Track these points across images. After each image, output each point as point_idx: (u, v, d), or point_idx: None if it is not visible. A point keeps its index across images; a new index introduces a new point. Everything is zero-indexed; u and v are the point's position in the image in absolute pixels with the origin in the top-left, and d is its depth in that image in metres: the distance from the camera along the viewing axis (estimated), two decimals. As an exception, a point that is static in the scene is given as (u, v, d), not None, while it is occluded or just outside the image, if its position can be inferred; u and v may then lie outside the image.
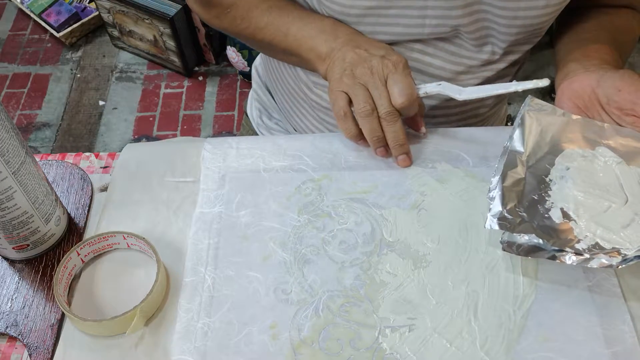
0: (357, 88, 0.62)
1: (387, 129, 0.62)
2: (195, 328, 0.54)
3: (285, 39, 0.69)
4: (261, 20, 0.71)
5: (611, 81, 0.59)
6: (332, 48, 0.66)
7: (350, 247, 0.59)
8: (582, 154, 0.58)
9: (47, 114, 1.99)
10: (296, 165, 0.66)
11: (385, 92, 0.61)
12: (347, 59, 0.63)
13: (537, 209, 0.55)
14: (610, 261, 0.51)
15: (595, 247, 0.52)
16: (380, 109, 0.61)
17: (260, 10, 0.71)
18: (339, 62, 0.64)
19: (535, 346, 0.52)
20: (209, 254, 0.59)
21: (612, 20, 0.72)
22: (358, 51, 0.63)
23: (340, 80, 0.63)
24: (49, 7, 2.19)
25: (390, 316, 0.54)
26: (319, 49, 0.67)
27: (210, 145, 0.68)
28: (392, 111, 0.61)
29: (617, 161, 0.58)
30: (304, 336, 0.53)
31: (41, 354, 0.53)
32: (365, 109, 0.61)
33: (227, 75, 2.09)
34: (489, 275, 0.57)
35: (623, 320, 0.53)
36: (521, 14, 0.64)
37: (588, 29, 0.71)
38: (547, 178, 0.57)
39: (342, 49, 0.65)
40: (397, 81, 0.61)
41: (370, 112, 0.61)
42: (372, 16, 0.66)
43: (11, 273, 0.59)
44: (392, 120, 0.62)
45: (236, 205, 0.63)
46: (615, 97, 0.58)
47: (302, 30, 0.68)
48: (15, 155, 0.53)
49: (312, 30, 0.68)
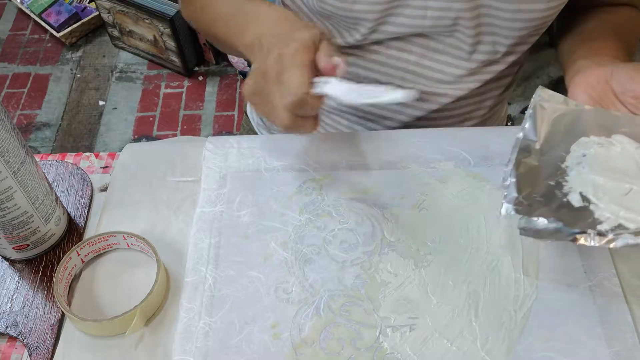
0: (260, 104, 0.56)
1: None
2: (196, 328, 0.54)
3: (227, 29, 0.65)
4: (216, 9, 0.68)
5: (624, 71, 0.58)
6: (256, 37, 0.58)
7: (351, 246, 0.59)
8: (597, 141, 0.57)
9: (47, 114, 1.99)
10: (297, 165, 0.66)
11: (277, 96, 0.53)
12: (257, 58, 0.57)
13: (555, 194, 0.53)
14: (636, 240, 0.49)
15: (618, 227, 0.50)
16: (278, 109, 0.54)
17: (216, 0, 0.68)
18: (255, 59, 0.57)
19: (536, 346, 0.52)
20: (210, 254, 0.59)
21: (614, 19, 0.72)
22: (267, 44, 0.56)
23: (247, 93, 0.56)
24: (49, 7, 2.19)
25: (391, 316, 0.54)
26: (245, 39, 0.60)
27: (211, 145, 0.68)
28: (288, 121, 0.53)
29: (636, 146, 0.56)
30: (305, 336, 0.53)
31: (41, 354, 0.53)
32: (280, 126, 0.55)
33: (227, 75, 2.09)
34: (490, 275, 0.57)
35: (624, 320, 0.53)
36: (525, 7, 0.64)
37: (592, 28, 0.71)
38: (562, 165, 0.56)
39: (261, 40, 0.57)
40: (283, 80, 0.53)
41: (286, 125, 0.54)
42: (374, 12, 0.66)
43: (11, 273, 0.59)
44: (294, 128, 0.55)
45: (237, 204, 0.62)
46: (629, 85, 0.57)
47: (241, 19, 0.63)
48: (15, 155, 0.52)
49: (248, 19, 0.62)
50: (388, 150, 0.66)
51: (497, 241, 0.59)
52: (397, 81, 0.73)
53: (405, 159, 0.66)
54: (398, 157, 0.66)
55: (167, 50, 2.00)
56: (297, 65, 0.53)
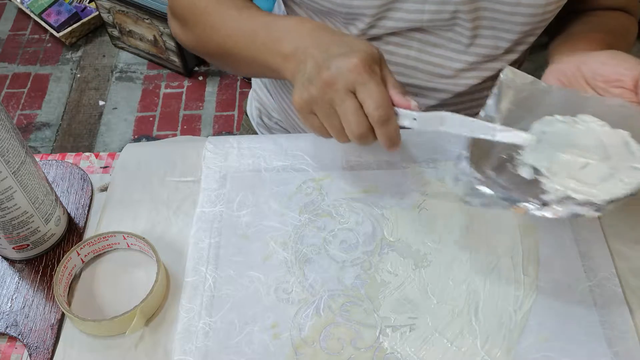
0: (319, 110, 0.55)
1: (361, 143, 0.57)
2: (196, 328, 0.54)
3: (253, 45, 0.63)
4: (229, 26, 0.66)
5: (597, 57, 0.58)
6: (296, 47, 0.58)
7: (351, 246, 0.59)
8: (561, 119, 0.56)
9: (47, 114, 1.99)
10: (297, 165, 0.66)
11: (352, 106, 0.53)
12: (308, 66, 0.55)
13: (506, 167, 0.53)
14: (583, 210, 0.48)
15: (565, 199, 0.49)
16: (350, 128, 0.54)
17: (230, 17, 0.66)
18: (301, 68, 0.56)
19: (536, 346, 0.52)
20: (210, 254, 0.59)
21: (603, 22, 0.72)
22: (318, 53, 0.55)
23: (301, 101, 0.55)
24: (49, 7, 2.19)
25: (391, 315, 0.54)
26: (284, 49, 0.59)
27: (211, 145, 0.67)
28: (364, 133, 0.54)
29: (601, 124, 0.55)
30: (305, 336, 0.53)
31: (41, 354, 0.53)
32: (335, 134, 0.56)
33: (227, 75, 2.09)
34: (489, 275, 0.57)
35: (624, 320, 0.53)
36: (524, 1, 0.64)
37: (579, 30, 0.71)
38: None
39: (306, 50, 0.57)
40: (370, 93, 0.53)
41: (340, 135, 0.56)
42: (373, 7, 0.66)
43: (11, 273, 0.59)
44: (366, 140, 0.55)
45: (237, 204, 0.62)
46: (600, 70, 0.57)
47: (269, 34, 0.62)
48: (15, 155, 0.52)
49: (278, 32, 0.61)
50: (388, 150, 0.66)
51: (497, 241, 0.59)
52: (396, 76, 0.73)
53: (405, 159, 0.66)
54: (398, 157, 0.66)
55: (167, 50, 2.00)
56: (376, 79, 0.53)
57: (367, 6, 0.66)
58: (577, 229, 0.59)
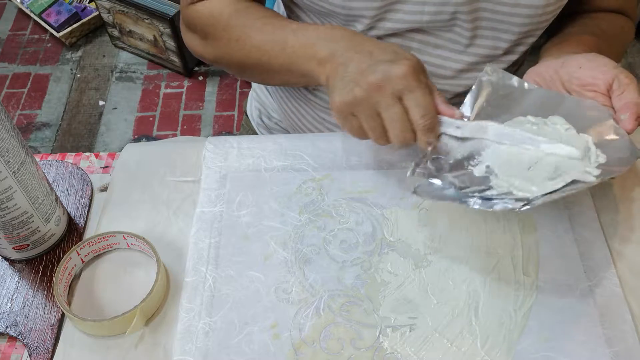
0: (361, 112, 0.56)
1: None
2: (196, 328, 0.54)
3: (283, 53, 0.64)
4: (256, 38, 0.66)
5: (574, 60, 0.58)
6: (332, 51, 0.59)
7: (351, 246, 0.59)
8: (532, 121, 0.57)
9: (47, 114, 1.99)
10: (297, 165, 0.66)
11: (399, 113, 0.54)
12: (350, 69, 0.56)
13: (462, 164, 0.55)
14: (514, 205, 0.49)
15: (506, 194, 0.51)
16: (395, 133, 0.55)
17: (255, 28, 0.67)
18: (340, 71, 0.57)
19: (536, 346, 0.52)
20: (210, 254, 0.59)
21: (597, 24, 0.72)
22: (360, 57, 0.57)
23: (343, 103, 0.56)
24: (49, 7, 2.19)
25: (391, 315, 0.54)
26: (319, 54, 0.60)
27: (211, 145, 0.67)
28: (408, 138, 0.56)
29: (566, 127, 0.56)
30: (305, 336, 0.53)
31: (41, 354, 0.53)
32: (375, 137, 0.57)
33: (227, 75, 2.09)
34: (489, 275, 0.57)
35: (624, 319, 0.53)
36: (523, 2, 0.64)
37: (570, 32, 0.71)
38: (484, 139, 0.57)
39: (344, 53, 0.58)
40: (418, 102, 0.54)
41: (381, 138, 0.57)
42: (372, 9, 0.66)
43: (11, 273, 0.59)
44: (408, 144, 0.57)
45: (237, 204, 0.62)
46: (577, 74, 0.57)
47: (299, 40, 0.62)
48: (15, 155, 0.52)
49: (310, 38, 0.62)
50: (388, 150, 0.66)
51: (497, 241, 0.59)
52: None
53: (405, 159, 0.66)
54: (398, 157, 0.66)
55: (167, 50, 2.00)
56: (426, 92, 0.55)
57: (367, 7, 0.66)
58: (577, 229, 0.59)
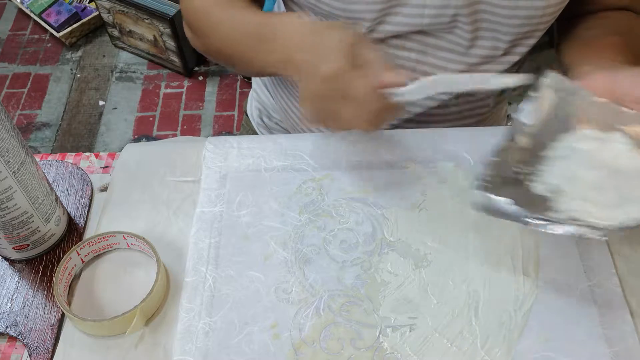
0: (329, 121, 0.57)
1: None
2: (196, 328, 0.54)
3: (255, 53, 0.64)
4: (229, 33, 0.66)
5: (629, 76, 0.58)
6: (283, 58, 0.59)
7: (351, 246, 0.59)
8: (594, 136, 0.56)
9: (47, 114, 1.99)
10: (297, 165, 0.66)
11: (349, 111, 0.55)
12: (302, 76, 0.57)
13: (519, 179, 0.54)
14: (589, 233, 0.49)
15: (572, 220, 0.51)
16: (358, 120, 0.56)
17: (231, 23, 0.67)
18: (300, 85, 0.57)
19: (537, 346, 0.52)
20: (210, 254, 0.59)
21: (614, 24, 0.71)
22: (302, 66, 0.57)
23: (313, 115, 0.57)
24: (49, 7, 2.19)
25: (391, 315, 0.54)
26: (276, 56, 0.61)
27: (211, 145, 0.67)
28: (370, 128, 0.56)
29: (629, 148, 0.55)
30: (305, 336, 0.53)
31: (41, 354, 0.53)
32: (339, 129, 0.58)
33: (227, 75, 2.09)
34: (490, 275, 0.57)
35: (624, 319, 0.53)
36: (522, 4, 0.64)
37: (598, 36, 0.70)
38: (548, 153, 0.55)
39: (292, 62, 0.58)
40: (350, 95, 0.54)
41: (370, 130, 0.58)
42: (373, 12, 0.66)
43: (11, 273, 0.59)
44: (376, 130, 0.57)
45: (237, 204, 0.62)
46: (633, 91, 0.57)
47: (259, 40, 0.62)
48: (15, 155, 0.52)
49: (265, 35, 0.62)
50: (388, 150, 0.66)
51: (497, 241, 0.59)
52: None
53: (405, 159, 0.66)
54: (398, 157, 0.66)
55: (167, 50, 2.00)
56: (360, 75, 0.54)
57: (367, 10, 0.66)
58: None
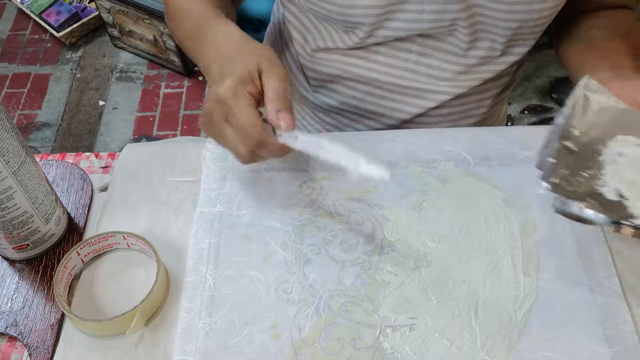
0: (215, 137, 0.57)
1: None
2: (196, 328, 0.54)
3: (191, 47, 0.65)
4: (184, 25, 0.67)
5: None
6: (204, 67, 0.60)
7: (351, 246, 0.59)
8: (636, 142, 0.57)
9: (47, 114, 1.99)
10: (297, 165, 0.66)
11: (229, 135, 0.54)
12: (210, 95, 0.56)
13: (590, 183, 0.54)
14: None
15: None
16: (237, 157, 0.56)
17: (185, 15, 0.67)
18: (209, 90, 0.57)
19: (536, 346, 0.52)
20: (210, 253, 0.59)
21: (618, 24, 0.71)
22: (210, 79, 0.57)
23: (204, 127, 0.57)
24: (49, 7, 2.19)
25: (391, 316, 0.54)
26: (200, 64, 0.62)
27: (211, 145, 0.67)
28: (249, 158, 0.55)
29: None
30: (305, 336, 0.53)
31: (41, 354, 0.53)
32: (241, 161, 0.57)
33: (227, 75, 2.09)
34: (489, 275, 0.57)
35: (624, 319, 0.53)
36: (518, 8, 0.64)
37: (601, 37, 0.70)
38: (599, 158, 0.56)
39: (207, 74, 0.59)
40: (233, 121, 0.53)
41: (245, 162, 0.56)
42: (371, 16, 0.66)
43: (11, 273, 0.59)
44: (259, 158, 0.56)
45: (237, 204, 0.62)
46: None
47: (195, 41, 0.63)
48: (15, 155, 0.52)
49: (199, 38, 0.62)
50: (388, 150, 0.66)
51: (497, 241, 0.59)
52: (397, 79, 0.73)
53: (405, 159, 0.66)
54: (398, 157, 0.66)
55: (167, 50, 2.00)
56: (242, 106, 0.52)
57: (365, 15, 0.66)
58: (577, 229, 0.59)
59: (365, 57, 0.73)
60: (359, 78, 0.75)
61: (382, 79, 0.74)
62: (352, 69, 0.74)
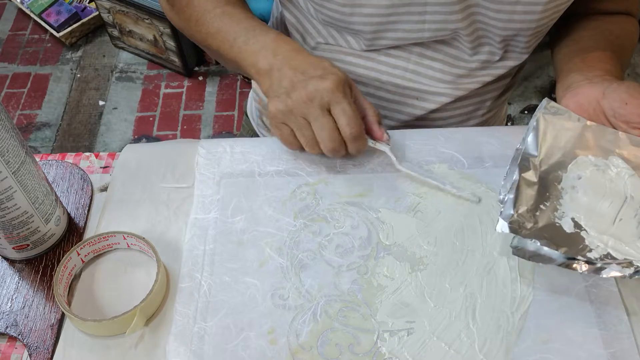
0: (293, 121, 0.61)
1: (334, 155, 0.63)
2: (191, 332, 0.54)
3: (231, 50, 0.67)
4: (212, 25, 0.68)
5: (617, 94, 0.58)
6: (270, 66, 0.62)
7: (347, 251, 0.59)
8: (594, 162, 0.58)
9: (47, 114, 1.99)
10: (291, 170, 0.66)
11: (328, 122, 0.59)
12: (283, 84, 0.61)
13: (548, 216, 0.55)
14: (622, 272, 0.51)
15: (607, 257, 0.52)
16: (324, 142, 0.60)
17: (213, 14, 0.69)
18: (275, 85, 0.61)
19: (534, 348, 0.52)
20: (205, 260, 0.58)
21: (610, 28, 0.72)
22: (293, 73, 0.61)
23: (277, 111, 0.61)
24: (49, 7, 2.19)
25: (388, 320, 0.54)
26: (259, 65, 0.64)
27: (204, 150, 0.67)
28: (337, 147, 0.60)
29: (630, 173, 0.57)
30: (303, 341, 0.53)
31: (41, 354, 0.53)
32: (306, 145, 0.62)
33: (227, 75, 2.09)
34: (486, 278, 0.57)
35: (620, 320, 0.54)
36: (517, 18, 0.64)
37: (587, 37, 0.71)
38: (559, 185, 0.57)
39: (281, 68, 0.62)
40: (344, 111, 0.59)
41: (313, 146, 0.62)
42: (372, 24, 0.67)
43: (11, 273, 0.59)
44: (338, 153, 0.61)
45: (231, 210, 0.62)
46: (622, 111, 0.58)
47: (246, 44, 0.65)
48: (15, 155, 0.53)
49: (255, 44, 0.65)
50: (382, 153, 0.66)
51: (493, 243, 0.59)
52: (398, 80, 0.74)
53: (400, 162, 0.66)
54: (392, 160, 0.66)
55: (167, 50, 2.01)
56: (348, 99, 0.59)
57: (365, 23, 0.67)
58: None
59: (367, 58, 0.73)
60: (359, 78, 0.75)
61: (383, 79, 0.74)
62: (353, 69, 0.74)
